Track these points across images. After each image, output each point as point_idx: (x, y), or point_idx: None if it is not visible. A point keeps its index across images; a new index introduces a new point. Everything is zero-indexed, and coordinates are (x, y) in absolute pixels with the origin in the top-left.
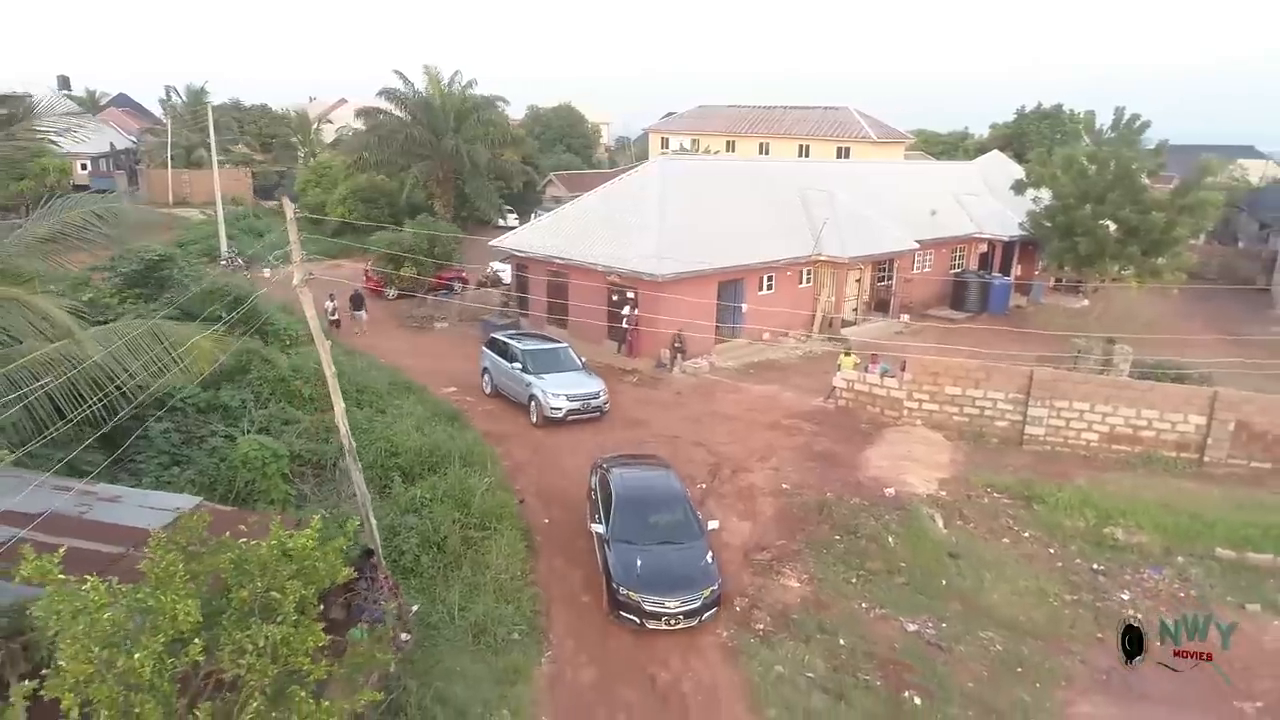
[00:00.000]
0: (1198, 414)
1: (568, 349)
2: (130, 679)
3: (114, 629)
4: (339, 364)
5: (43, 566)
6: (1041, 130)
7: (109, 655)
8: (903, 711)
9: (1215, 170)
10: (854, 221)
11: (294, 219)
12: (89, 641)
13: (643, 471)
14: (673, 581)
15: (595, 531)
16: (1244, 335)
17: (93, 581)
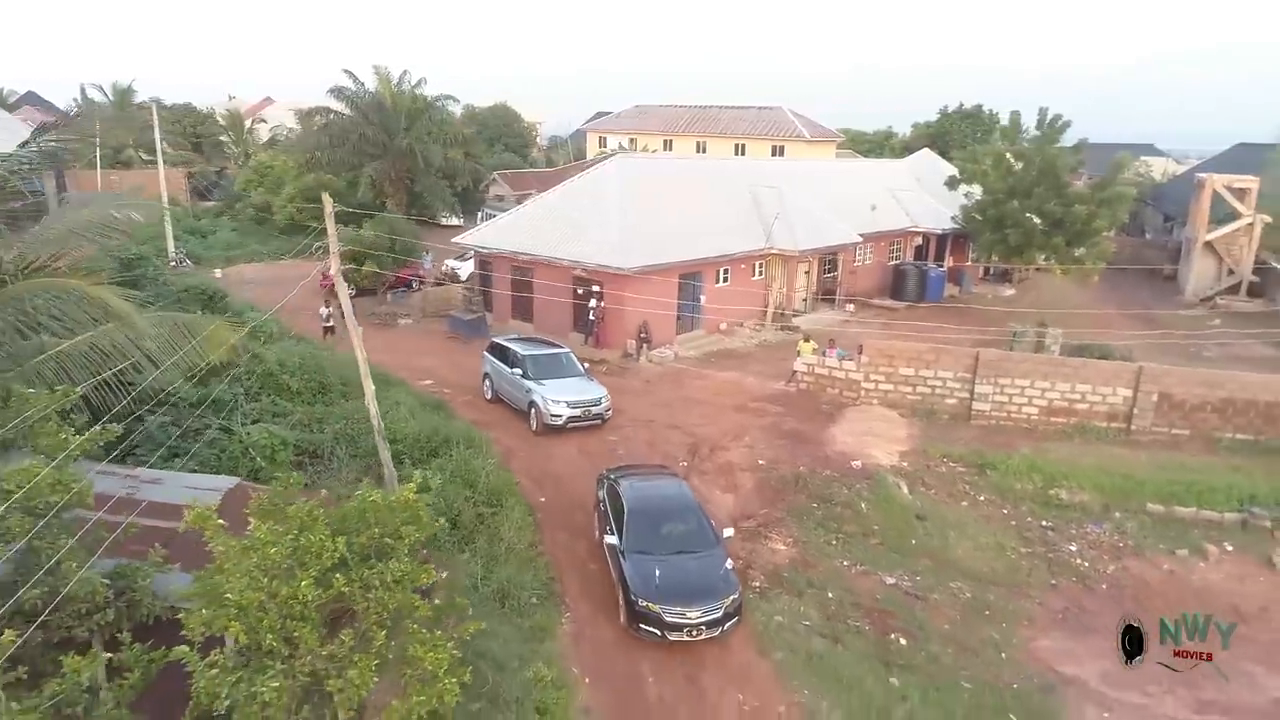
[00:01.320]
0: (1125, 387)
1: (569, 354)
2: (289, 608)
3: (278, 562)
4: (326, 360)
5: (202, 515)
6: (963, 129)
7: (274, 585)
8: (890, 651)
9: (1127, 166)
10: (802, 216)
11: (332, 213)
12: (259, 574)
13: (653, 482)
14: (693, 591)
15: (609, 544)
16: (1156, 317)
17: (257, 523)
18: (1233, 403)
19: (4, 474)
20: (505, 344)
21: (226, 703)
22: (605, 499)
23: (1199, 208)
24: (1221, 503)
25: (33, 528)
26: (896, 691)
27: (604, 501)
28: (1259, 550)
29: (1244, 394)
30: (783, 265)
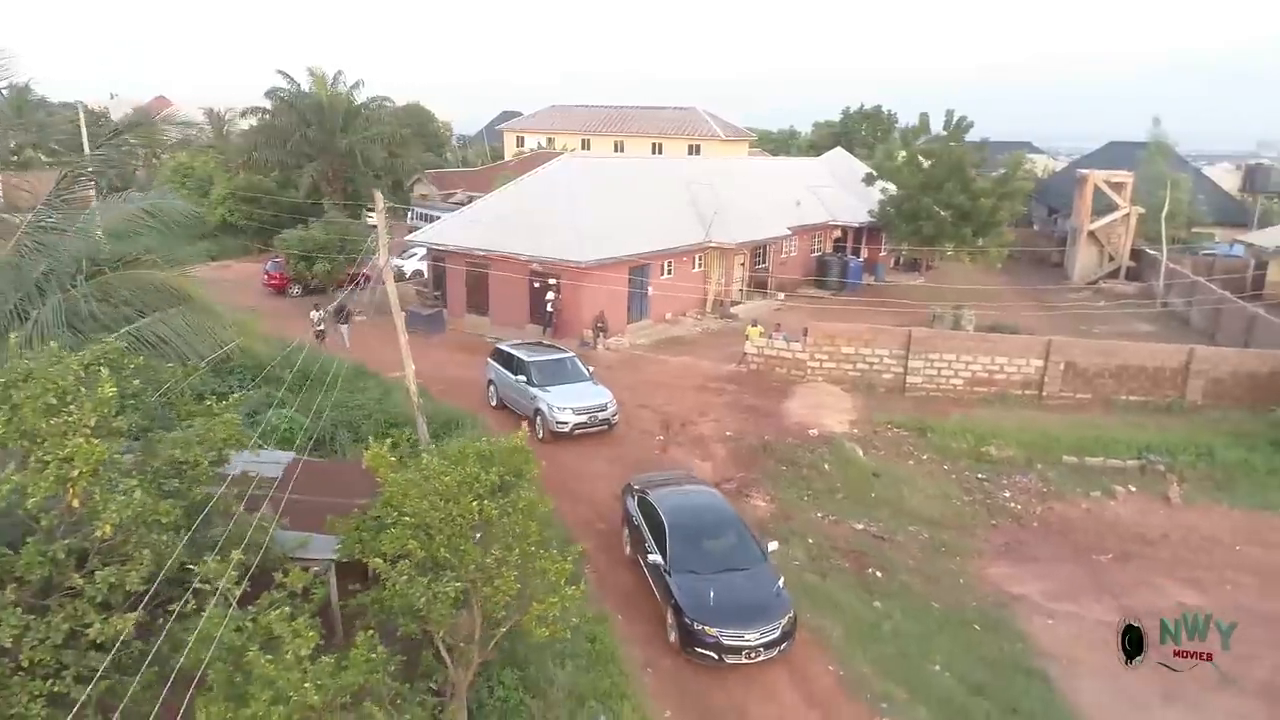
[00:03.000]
0: (1036, 358)
1: (574, 359)
2: (457, 525)
3: (450, 488)
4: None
5: (377, 456)
6: (864, 129)
7: (447, 507)
8: (869, 582)
9: (1023, 163)
10: (736, 211)
11: (383, 209)
12: (435, 498)
13: (688, 494)
14: (749, 612)
15: (652, 563)
16: (1049, 299)
17: (429, 458)
18: (1126, 369)
19: (169, 439)
20: (509, 350)
21: (421, 600)
22: (636, 514)
23: (1082, 200)
24: (1123, 452)
25: (194, 484)
26: (881, 612)
27: (634, 516)
28: (1156, 489)
29: (1135, 361)
30: (720, 258)
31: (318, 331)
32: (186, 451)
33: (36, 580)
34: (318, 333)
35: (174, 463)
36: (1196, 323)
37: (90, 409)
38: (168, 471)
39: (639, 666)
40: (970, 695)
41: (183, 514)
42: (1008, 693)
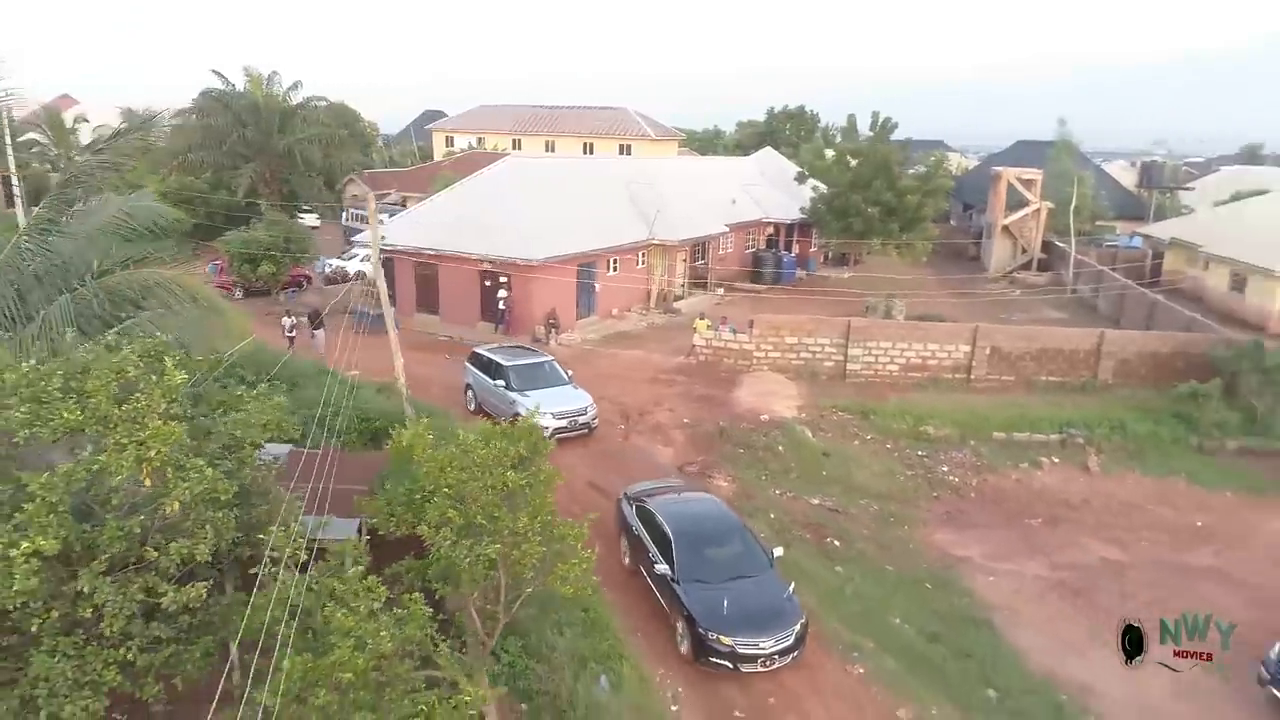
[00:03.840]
0: (964, 344)
1: (553, 362)
2: (492, 494)
3: (485, 461)
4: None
5: (415, 434)
6: (788, 128)
7: (483, 477)
8: (829, 551)
9: (943, 161)
10: (676, 210)
11: (375, 210)
12: (475, 469)
13: (688, 502)
14: (763, 619)
15: (659, 574)
16: (968, 289)
17: (465, 435)
18: (1045, 352)
19: (228, 420)
20: (487, 354)
21: (466, 561)
22: (636, 524)
23: (996, 197)
24: (1046, 428)
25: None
26: (843, 576)
27: (635, 526)
28: (1077, 460)
29: (1053, 345)
30: (662, 254)
31: (289, 336)
32: (246, 432)
33: (114, 555)
34: (289, 337)
35: (229, 444)
36: (1103, 309)
37: (160, 395)
38: (220, 452)
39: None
40: (928, 643)
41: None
42: (960, 639)
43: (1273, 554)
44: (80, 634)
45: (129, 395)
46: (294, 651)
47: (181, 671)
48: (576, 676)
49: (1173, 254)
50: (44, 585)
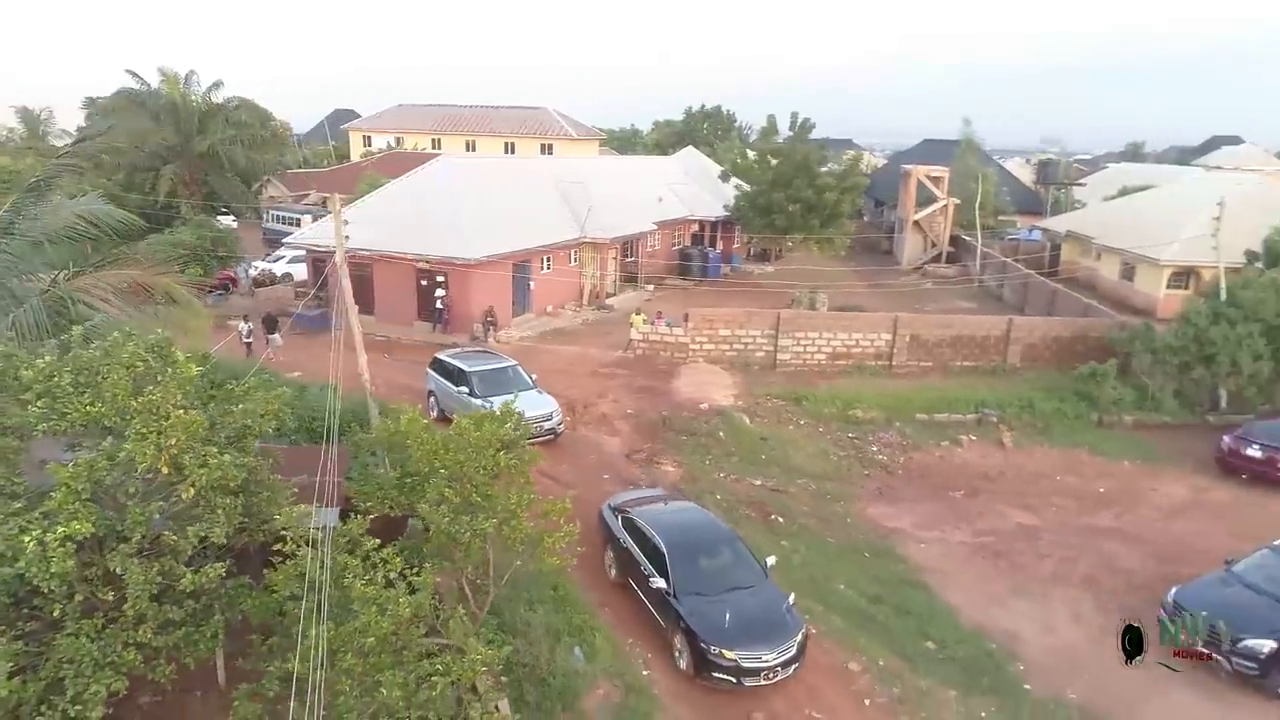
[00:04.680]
0: (886, 333)
1: (517, 367)
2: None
3: (479, 444)
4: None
5: (413, 419)
6: (705, 128)
7: (480, 459)
8: (774, 527)
9: (860, 159)
10: (606, 208)
11: (338, 211)
12: (470, 450)
13: (676, 512)
14: (764, 631)
15: (655, 588)
16: (884, 282)
17: (460, 420)
18: (960, 339)
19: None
20: (449, 360)
21: (467, 535)
22: (623, 536)
23: (907, 193)
24: (964, 408)
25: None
26: (789, 549)
27: (622, 539)
28: (992, 437)
29: (966, 332)
30: (594, 252)
31: (246, 343)
32: (255, 421)
33: (137, 540)
34: (246, 344)
35: (238, 433)
36: (1008, 298)
37: (175, 387)
38: (227, 442)
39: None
40: (871, 604)
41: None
42: (898, 600)
43: (1164, 514)
44: (100, 617)
45: (140, 389)
46: (313, 622)
47: (193, 652)
48: (552, 649)
49: (1069, 246)
50: (75, 569)
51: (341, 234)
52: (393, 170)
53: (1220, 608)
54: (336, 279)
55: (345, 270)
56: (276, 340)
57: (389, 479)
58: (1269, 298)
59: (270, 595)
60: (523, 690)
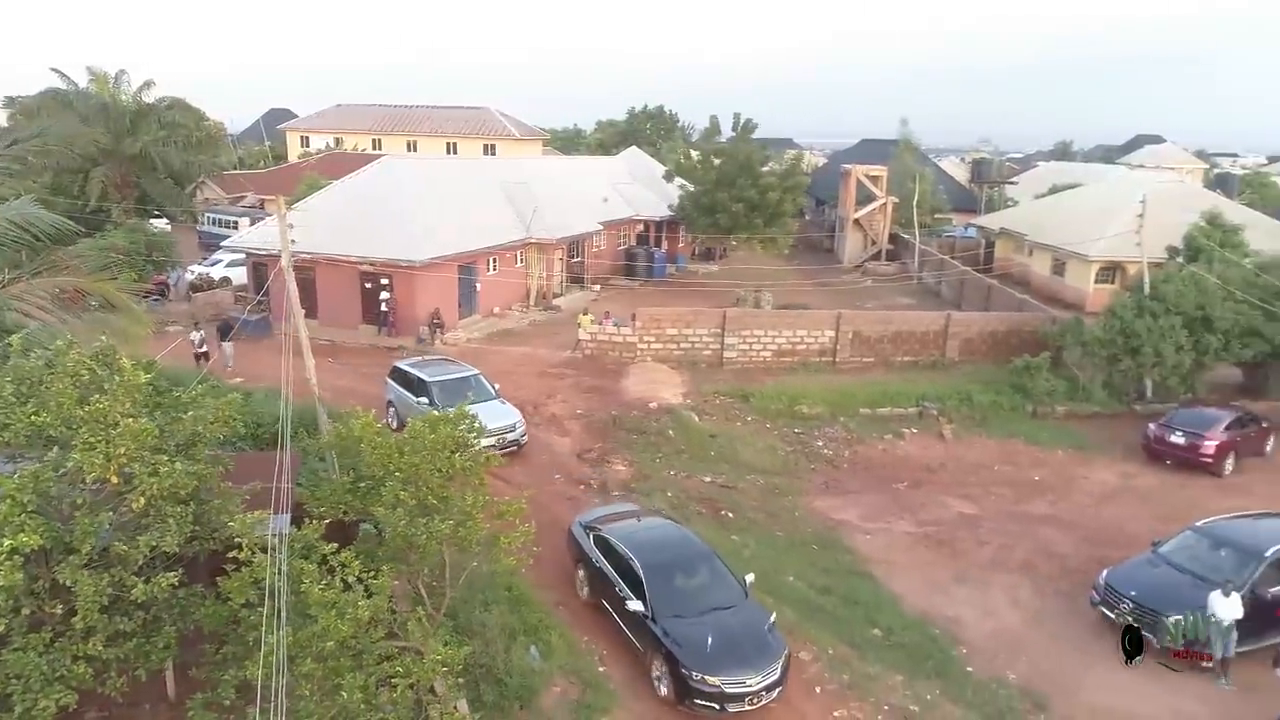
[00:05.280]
0: (829, 330)
1: (479, 376)
2: (442, 475)
3: (435, 446)
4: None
5: (368, 422)
6: (649, 128)
7: (435, 460)
8: (724, 521)
9: (802, 159)
10: (551, 209)
11: (284, 214)
12: (426, 453)
13: (649, 529)
14: (748, 654)
15: (632, 611)
16: (826, 279)
17: (414, 423)
18: (900, 335)
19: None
20: (409, 369)
21: (424, 537)
22: (596, 555)
23: (847, 192)
24: (905, 402)
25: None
26: (739, 543)
27: (595, 558)
28: (933, 429)
29: (906, 328)
30: (539, 253)
31: (199, 353)
32: (207, 428)
33: (86, 551)
34: (199, 354)
35: (186, 441)
36: (946, 294)
37: (123, 395)
38: (178, 449)
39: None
40: (819, 595)
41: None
42: (846, 590)
43: (1095, 500)
44: (48, 630)
45: (86, 397)
46: (270, 629)
47: (145, 663)
48: (508, 649)
49: (1003, 243)
50: (23, 582)
51: (287, 238)
52: (333, 171)
53: (1147, 588)
54: (280, 283)
55: (291, 275)
56: (228, 349)
57: (341, 484)
58: (1188, 292)
59: (224, 603)
60: (480, 690)
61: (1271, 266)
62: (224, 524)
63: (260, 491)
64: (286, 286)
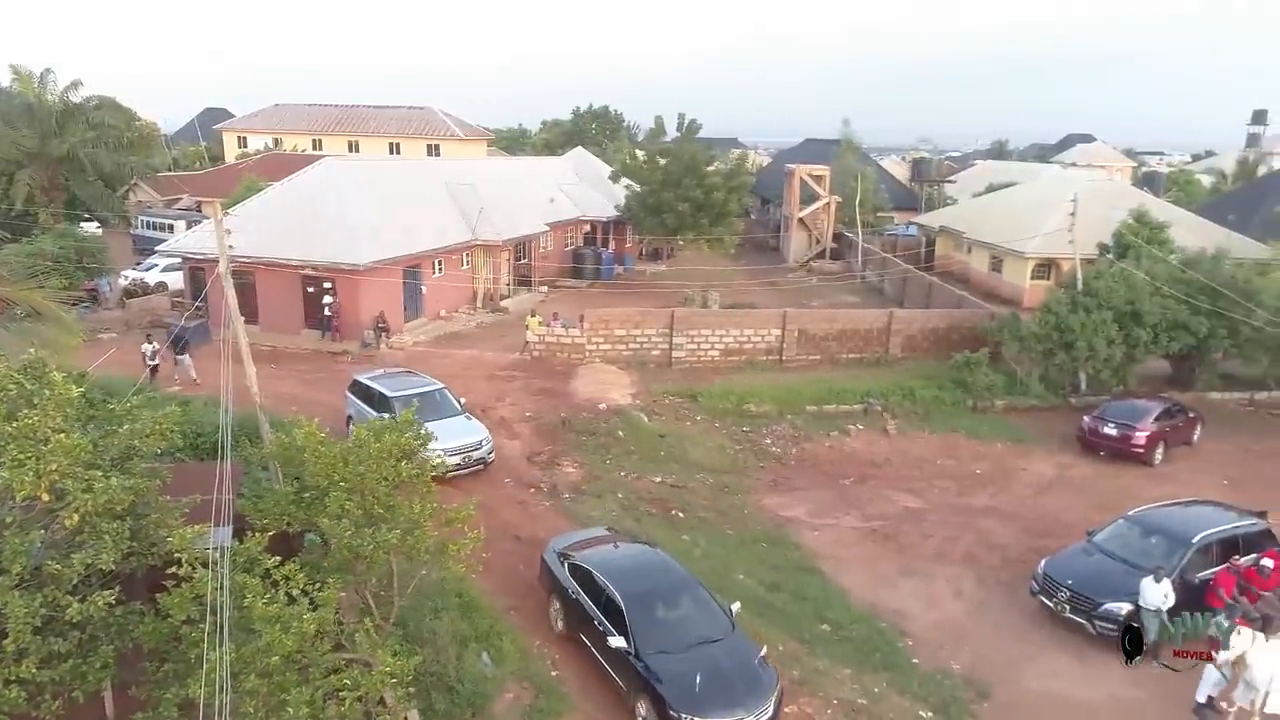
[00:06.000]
0: (775, 328)
1: (444, 390)
2: (389, 485)
3: (379, 454)
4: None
5: (311, 431)
6: (594, 128)
7: (381, 469)
8: (674, 521)
9: (747, 158)
10: (497, 210)
11: (220, 219)
12: (371, 462)
13: (627, 555)
14: (739, 692)
15: (614, 648)
16: (772, 278)
17: (358, 431)
18: (845, 332)
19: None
20: (368, 383)
21: (370, 548)
22: (572, 585)
23: (791, 191)
24: (850, 399)
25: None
26: (690, 542)
27: (570, 588)
28: (878, 425)
29: (851, 325)
30: (486, 254)
31: (151, 365)
32: (143, 442)
33: (17, 571)
34: (151, 367)
35: (122, 454)
36: (889, 292)
37: (54, 409)
38: (113, 464)
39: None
40: (769, 592)
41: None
42: (795, 586)
43: (1034, 491)
44: None
45: (14, 413)
46: (212, 645)
47: (82, 685)
48: (459, 655)
49: (942, 240)
50: None
51: (225, 244)
52: (273, 172)
53: (1083, 576)
54: (218, 289)
55: (230, 282)
56: (186, 361)
57: (285, 494)
58: (1119, 287)
59: (164, 620)
60: (431, 699)
61: (1195, 263)
62: (163, 539)
63: (200, 504)
64: (225, 295)
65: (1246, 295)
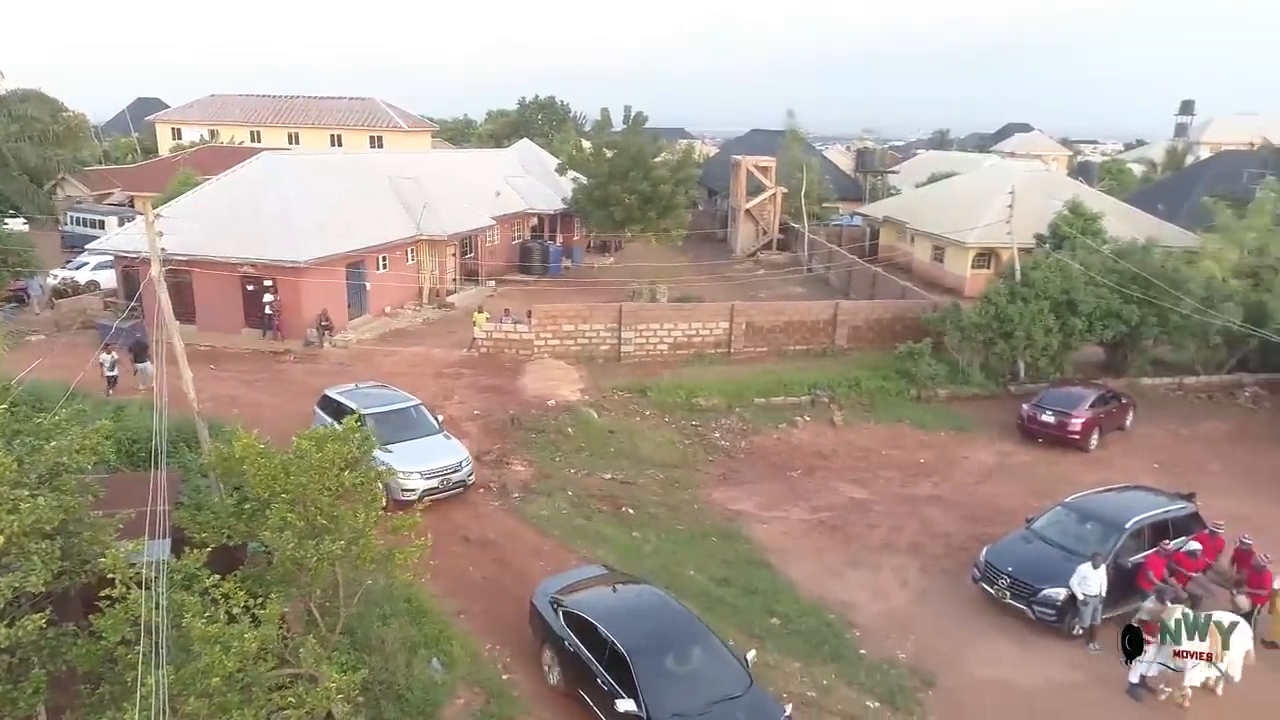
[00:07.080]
0: (723, 321)
1: (420, 406)
2: (333, 494)
3: (322, 464)
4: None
5: (250, 443)
6: (540, 119)
7: (323, 479)
8: (625, 518)
9: (693, 150)
10: (442, 204)
11: (152, 220)
12: (312, 473)
13: (630, 599)
14: None
15: (624, 713)
16: (720, 270)
17: (299, 441)
18: (792, 324)
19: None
20: (339, 398)
21: (314, 560)
22: (568, 635)
23: (738, 183)
24: (797, 391)
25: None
26: (640, 539)
27: (564, 640)
28: (824, 416)
29: (797, 317)
30: (431, 250)
31: (110, 377)
32: (72, 458)
33: None
34: (110, 378)
35: (51, 471)
36: (835, 283)
37: None
38: (39, 481)
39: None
40: (719, 586)
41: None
42: (745, 580)
43: (975, 478)
44: None
45: None
46: (149, 667)
47: (12, 711)
48: (409, 662)
49: (886, 231)
50: None
51: (157, 245)
52: (209, 166)
53: (1023, 563)
54: (153, 290)
55: (163, 285)
56: (147, 369)
57: (225, 506)
58: (1055, 277)
59: (99, 642)
60: (381, 708)
61: (1127, 252)
62: (96, 556)
63: (136, 517)
64: (159, 300)
65: (1175, 284)
